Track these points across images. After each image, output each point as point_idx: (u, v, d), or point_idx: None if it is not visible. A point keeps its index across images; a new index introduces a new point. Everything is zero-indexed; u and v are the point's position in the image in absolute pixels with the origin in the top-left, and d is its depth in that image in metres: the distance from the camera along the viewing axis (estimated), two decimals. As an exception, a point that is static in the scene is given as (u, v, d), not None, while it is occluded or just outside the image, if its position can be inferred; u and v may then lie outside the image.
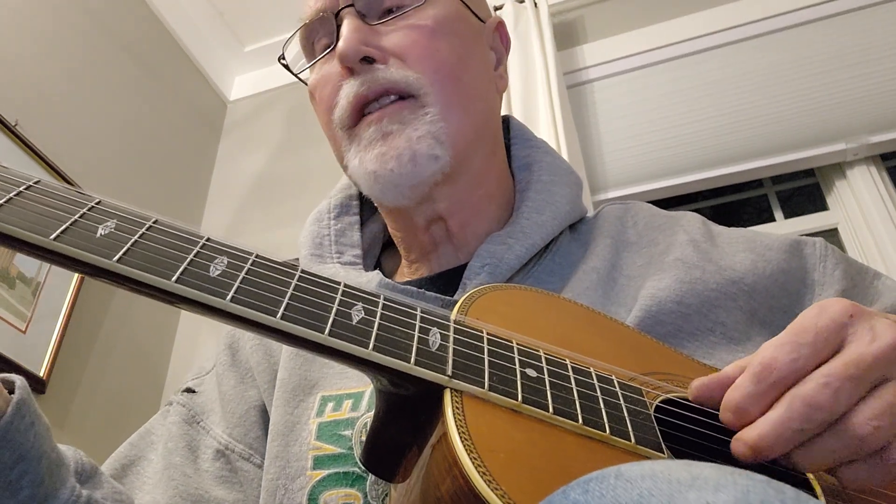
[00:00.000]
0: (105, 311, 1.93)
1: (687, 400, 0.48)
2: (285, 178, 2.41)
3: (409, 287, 0.66)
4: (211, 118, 2.64)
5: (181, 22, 2.50)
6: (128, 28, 2.26)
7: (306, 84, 0.76)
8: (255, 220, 2.37)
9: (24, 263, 1.65)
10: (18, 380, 0.50)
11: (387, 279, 0.68)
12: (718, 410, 0.44)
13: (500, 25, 0.82)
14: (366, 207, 0.81)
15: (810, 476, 0.43)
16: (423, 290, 0.65)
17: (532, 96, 1.94)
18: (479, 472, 0.36)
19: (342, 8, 0.68)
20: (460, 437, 0.38)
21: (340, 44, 0.66)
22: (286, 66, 0.76)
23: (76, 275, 1.79)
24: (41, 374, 1.63)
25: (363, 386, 0.61)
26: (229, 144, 2.62)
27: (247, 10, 2.57)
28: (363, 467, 0.55)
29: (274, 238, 2.25)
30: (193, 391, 0.73)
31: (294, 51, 0.76)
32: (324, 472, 0.57)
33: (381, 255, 0.82)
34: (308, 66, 0.74)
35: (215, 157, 2.60)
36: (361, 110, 0.67)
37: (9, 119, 1.67)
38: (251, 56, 2.70)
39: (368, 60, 0.66)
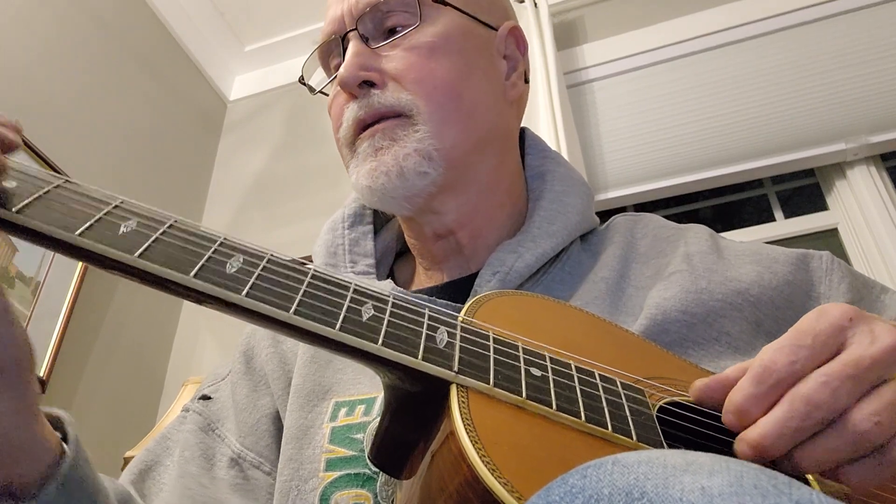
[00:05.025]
0: (105, 311, 1.94)
1: (690, 403, 0.48)
2: (285, 178, 2.42)
3: (420, 295, 0.67)
4: (211, 118, 2.64)
5: (182, 22, 2.50)
6: (128, 28, 2.27)
7: (326, 95, 0.80)
8: (254, 220, 2.37)
9: (24, 263, 1.65)
10: (64, 415, 0.50)
11: (399, 287, 0.70)
12: (720, 412, 0.44)
13: (514, 30, 0.80)
14: (379, 217, 0.83)
15: (811, 478, 0.44)
16: (433, 297, 0.66)
17: (532, 96, 1.94)
18: (483, 462, 0.37)
19: (348, 31, 0.71)
20: (466, 430, 0.39)
21: (341, 70, 0.69)
22: (307, 86, 0.79)
23: (76, 275, 1.79)
24: (41, 374, 1.63)
25: (375, 392, 0.62)
26: (229, 144, 2.63)
27: (247, 10, 2.57)
28: (372, 466, 0.56)
29: (273, 238, 2.25)
30: (209, 398, 0.74)
31: (314, 68, 0.80)
32: (336, 474, 0.58)
33: (393, 264, 0.83)
34: (326, 83, 0.78)
35: (215, 157, 2.60)
36: (362, 131, 0.70)
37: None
38: (251, 56, 2.71)
39: (369, 84, 0.69)
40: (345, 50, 0.71)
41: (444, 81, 0.70)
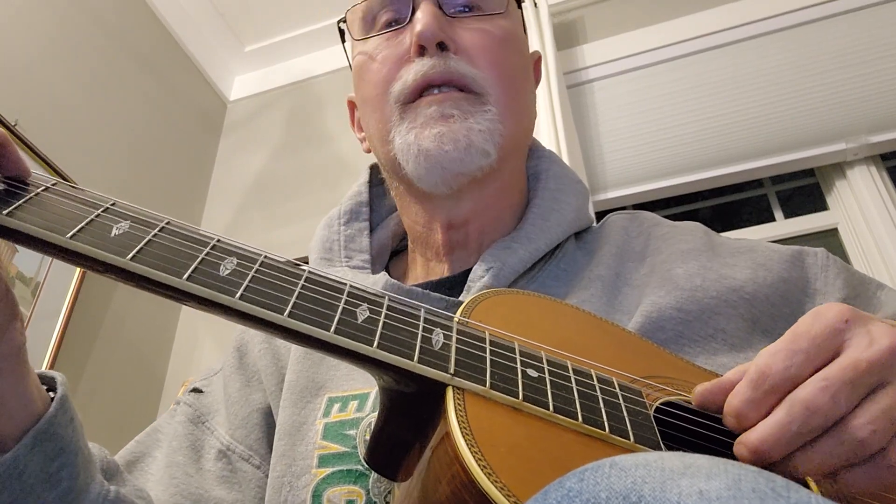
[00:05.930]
0: (104, 312, 1.94)
1: (687, 403, 0.48)
2: (285, 178, 2.42)
3: (414, 288, 0.67)
4: (211, 118, 2.64)
5: (182, 22, 2.50)
6: (128, 28, 2.27)
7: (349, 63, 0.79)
8: (254, 220, 2.37)
9: (24, 263, 1.65)
10: (59, 376, 0.52)
11: (393, 280, 0.69)
12: (719, 415, 0.44)
13: (538, 62, 0.85)
14: (375, 215, 0.83)
15: (809, 480, 0.44)
16: (427, 291, 0.66)
17: (532, 96, 1.94)
18: (479, 465, 0.36)
19: None
20: (462, 433, 0.38)
21: (421, 25, 0.67)
22: (342, 32, 0.78)
23: (76, 275, 1.79)
24: (41, 374, 1.62)
25: (368, 388, 0.62)
26: (229, 144, 2.63)
27: (247, 11, 2.57)
28: (367, 466, 0.56)
29: (273, 238, 2.25)
30: (201, 391, 0.74)
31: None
32: (328, 470, 0.58)
33: (389, 261, 0.83)
34: (366, 36, 0.75)
35: (215, 157, 2.60)
36: (422, 91, 0.68)
37: (9, 119, 1.67)
38: (251, 56, 2.70)
39: (442, 47, 0.68)
40: (413, 9, 0.70)
41: (512, 73, 0.72)
